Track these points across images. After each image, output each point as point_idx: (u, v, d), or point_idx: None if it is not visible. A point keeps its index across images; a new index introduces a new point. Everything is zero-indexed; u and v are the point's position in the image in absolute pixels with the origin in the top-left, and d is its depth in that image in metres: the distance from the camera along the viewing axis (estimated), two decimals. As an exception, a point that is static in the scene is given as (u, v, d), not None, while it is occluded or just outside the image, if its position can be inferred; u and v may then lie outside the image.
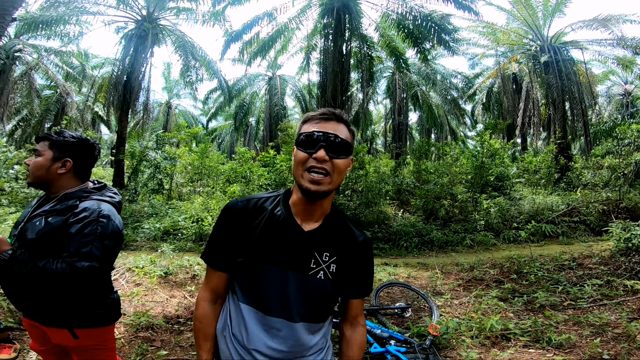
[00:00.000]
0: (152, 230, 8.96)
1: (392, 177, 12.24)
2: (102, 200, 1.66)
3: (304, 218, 1.18)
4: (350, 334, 1.29)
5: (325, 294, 1.17)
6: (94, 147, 1.77)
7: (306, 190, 1.09)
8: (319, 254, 1.16)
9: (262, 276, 1.13)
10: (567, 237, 8.53)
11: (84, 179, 1.75)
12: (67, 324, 1.62)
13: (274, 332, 1.12)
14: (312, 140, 1.10)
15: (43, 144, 1.68)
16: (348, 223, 1.27)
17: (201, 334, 1.21)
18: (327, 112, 1.14)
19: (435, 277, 5.73)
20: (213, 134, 30.49)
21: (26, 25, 11.66)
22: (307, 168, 1.09)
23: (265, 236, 1.15)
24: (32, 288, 1.56)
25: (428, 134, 26.50)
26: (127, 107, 13.18)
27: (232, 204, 1.23)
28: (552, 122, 15.14)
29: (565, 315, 3.95)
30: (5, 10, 4.98)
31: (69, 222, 1.53)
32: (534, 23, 14.92)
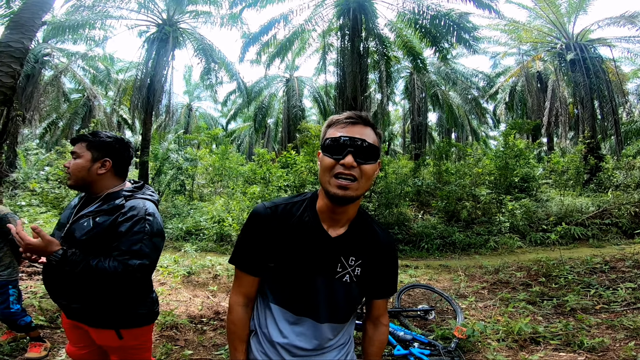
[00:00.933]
0: (175, 230, 9.17)
1: (412, 178, 12.08)
2: (146, 199, 1.68)
3: (330, 224, 1.18)
4: (373, 332, 1.32)
5: (350, 296, 1.19)
6: (129, 145, 1.80)
7: (334, 196, 1.07)
8: (345, 258, 1.18)
9: (292, 280, 1.16)
10: (598, 239, 8.18)
11: (123, 177, 1.78)
12: (113, 324, 1.64)
13: (301, 330, 1.17)
14: (338, 145, 1.07)
15: (80, 145, 1.69)
16: (373, 225, 1.27)
17: (236, 337, 1.24)
18: (354, 116, 1.11)
19: (459, 280, 5.60)
20: (232, 135, 30.91)
21: (54, 29, 12.10)
22: (335, 174, 1.06)
23: (294, 242, 1.16)
24: (81, 289, 1.57)
25: (448, 134, 26.04)
26: (151, 109, 13.52)
27: (259, 210, 1.22)
28: (580, 121, 14.57)
29: (598, 318, 3.81)
30: (35, 14, 5.14)
31: (117, 221, 1.56)
32: (558, 20, 14.45)
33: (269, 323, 1.19)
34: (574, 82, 14.15)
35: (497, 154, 11.29)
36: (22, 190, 10.53)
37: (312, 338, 1.17)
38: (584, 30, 14.73)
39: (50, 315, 3.57)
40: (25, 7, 5.32)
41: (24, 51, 5.12)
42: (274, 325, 1.18)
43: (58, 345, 3.17)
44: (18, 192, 10.22)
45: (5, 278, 2.86)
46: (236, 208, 9.91)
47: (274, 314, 1.18)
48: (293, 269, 1.15)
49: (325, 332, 1.18)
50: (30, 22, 5.20)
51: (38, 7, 5.34)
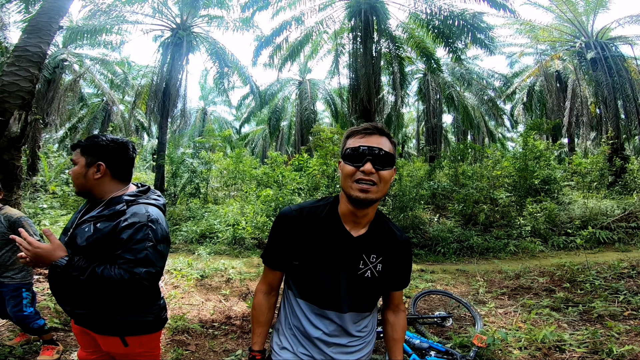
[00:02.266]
0: (189, 233, 9.22)
1: (427, 181, 11.86)
2: (149, 204, 1.63)
3: (352, 225, 1.30)
4: (394, 319, 1.48)
5: (372, 289, 1.33)
6: (127, 146, 1.71)
7: (356, 199, 1.19)
8: (367, 256, 1.30)
9: (317, 277, 1.28)
10: (624, 243, 7.83)
11: (125, 180, 1.71)
12: (118, 331, 1.60)
13: (327, 321, 1.30)
14: (358, 154, 1.19)
15: (76, 152, 1.66)
16: (390, 226, 1.39)
17: (256, 320, 1.41)
18: (370, 127, 1.24)
19: (477, 285, 5.42)
20: (246, 138, 31.15)
21: (72, 34, 12.39)
22: (356, 180, 1.18)
23: (318, 242, 1.28)
24: (86, 295, 1.54)
25: (464, 136, 25.59)
26: (167, 113, 13.72)
27: (286, 212, 1.35)
28: (603, 121, 14.10)
29: (627, 325, 3.61)
30: (52, 18, 5.22)
31: (119, 227, 1.50)
32: (577, 19, 14.07)
33: (301, 318, 1.32)
34: (596, 81, 13.73)
35: (517, 155, 10.97)
36: (44, 193, 10.79)
37: (337, 325, 1.29)
38: (604, 29, 14.36)
39: (65, 318, 3.58)
40: (42, 12, 5.40)
41: (42, 55, 5.19)
42: (306, 320, 1.31)
43: (71, 348, 3.16)
44: (39, 195, 10.47)
45: (18, 281, 2.87)
46: (250, 212, 9.91)
47: (302, 308, 1.32)
48: (318, 267, 1.27)
49: (348, 320, 1.30)
50: (48, 27, 5.27)
51: (55, 11, 5.41)
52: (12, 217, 2.84)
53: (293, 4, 12.14)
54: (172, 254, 7.35)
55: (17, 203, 4.78)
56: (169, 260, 6.08)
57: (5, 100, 4.66)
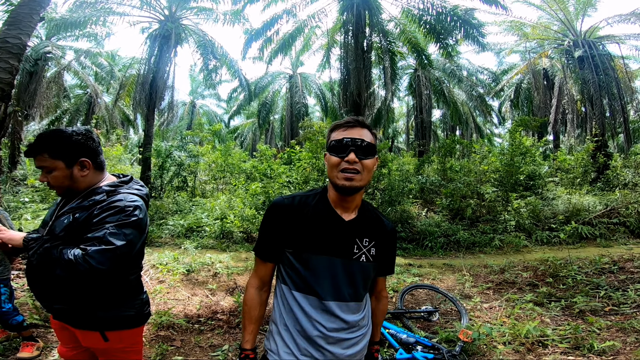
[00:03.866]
0: (176, 227, 9.09)
1: (416, 175, 11.94)
2: (130, 193, 1.58)
3: (342, 210, 1.35)
4: (376, 305, 1.53)
5: (368, 274, 1.35)
6: (92, 134, 1.64)
7: (342, 187, 1.26)
8: (360, 240, 1.33)
9: (313, 264, 1.28)
10: (606, 239, 8.02)
11: (103, 169, 1.68)
12: (98, 326, 1.56)
13: (328, 314, 1.27)
14: (342, 145, 1.26)
15: (43, 157, 1.51)
16: (377, 213, 1.46)
17: (247, 317, 1.38)
18: (352, 120, 1.31)
19: (463, 280, 5.49)
20: (236, 132, 30.86)
21: (56, 26, 12.04)
22: (341, 170, 1.25)
23: (311, 228, 1.31)
24: (61, 289, 1.50)
25: (452, 131, 25.82)
26: (153, 106, 13.45)
27: (278, 201, 1.38)
28: (589, 118, 14.36)
29: (608, 321, 3.70)
30: (33, 10, 5.09)
31: (93, 213, 1.46)
32: (566, 17, 14.24)
33: (298, 315, 1.28)
34: (582, 79, 13.94)
35: (503, 151, 11.12)
36: (25, 187, 10.52)
37: (341, 318, 1.28)
38: (593, 27, 14.54)
39: (45, 314, 3.50)
40: (23, 3, 5.26)
41: (21, 47, 5.07)
42: (304, 316, 1.27)
43: (51, 344, 3.10)
44: (21, 188, 10.20)
45: None
46: (239, 205, 9.83)
47: (300, 303, 1.28)
48: (312, 253, 1.28)
49: (351, 310, 1.31)
50: (28, 18, 5.15)
51: (36, 2, 5.28)
52: None
53: (284, -4, 12.01)
54: (158, 248, 7.25)
55: (-4, 196, 4.63)
56: (155, 255, 5.99)
57: (-18, 91, 4.50)
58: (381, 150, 11.71)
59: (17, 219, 7.33)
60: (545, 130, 18.49)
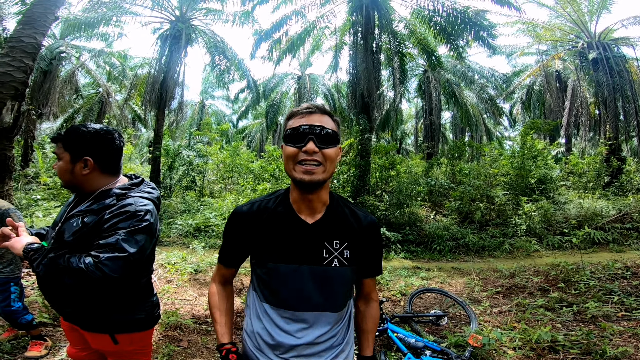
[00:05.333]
0: (184, 226, 9.15)
1: (424, 177, 11.84)
2: (141, 197, 1.53)
3: (306, 212, 1.21)
4: (365, 309, 1.38)
5: (344, 280, 1.21)
6: (112, 136, 1.58)
7: (300, 182, 1.12)
8: (329, 242, 1.20)
9: (279, 274, 1.17)
10: (619, 244, 7.86)
11: (115, 173, 1.61)
12: (108, 328, 1.55)
13: (299, 325, 1.17)
14: (299, 134, 1.13)
15: (58, 146, 1.55)
16: (352, 207, 1.30)
17: (217, 309, 1.30)
18: (311, 106, 1.18)
19: (472, 284, 5.41)
20: (243, 132, 31.02)
21: (70, 26, 12.24)
22: (299, 161, 1.12)
23: (272, 235, 1.19)
24: (71, 294, 1.49)
25: (462, 134, 25.57)
26: (163, 106, 13.59)
27: (237, 209, 1.28)
28: (602, 122, 14.09)
29: (620, 326, 3.61)
30: (48, 9, 5.14)
31: (103, 218, 1.42)
32: (580, 19, 14.02)
33: (266, 323, 1.19)
34: (596, 81, 13.71)
35: (514, 154, 10.97)
36: (37, 184, 10.69)
37: (312, 330, 1.17)
38: (607, 29, 14.31)
39: (54, 313, 3.54)
40: (38, 2, 5.31)
41: (36, 46, 5.12)
42: (272, 326, 1.18)
43: (59, 343, 3.12)
44: (32, 186, 10.37)
45: (6, 275, 2.81)
46: (246, 205, 9.84)
47: (269, 314, 1.19)
48: (277, 262, 1.17)
49: (324, 322, 1.18)
50: (43, 17, 5.19)
51: (51, 2, 5.33)
52: (0, 208, 2.78)
53: (294, -3, 12.02)
54: (166, 248, 7.30)
55: (9, 194, 4.71)
56: (163, 254, 6.03)
57: (-3, 90, 4.57)
58: (389, 152, 11.64)
59: (28, 216, 7.45)
60: (558, 134, 18.21)
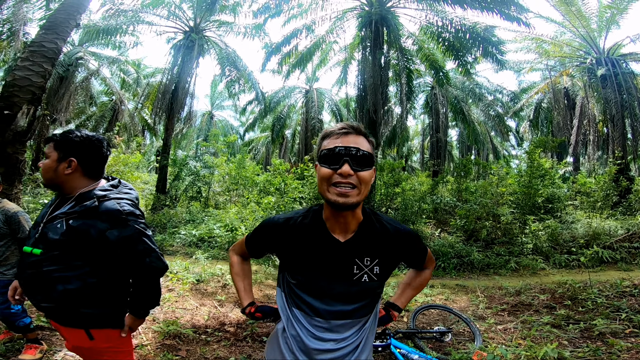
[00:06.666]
0: (188, 236, 9.16)
1: (430, 195, 11.79)
2: (120, 199, 1.61)
3: (338, 230, 1.22)
4: (416, 274, 1.57)
5: (373, 292, 1.26)
6: (101, 144, 1.70)
7: (334, 204, 1.12)
8: (360, 259, 1.22)
9: (309, 288, 1.22)
10: (627, 263, 7.71)
11: (95, 177, 1.69)
12: (83, 323, 1.57)
13: (328, 334, 1.21)
14: (334, 155, 1.12)
15: (49, 146, 1.66)
16: (384, 222, 1.30)
17: (238, 274, 1.48)
18: (346, 126, 1.17)
19: (477, 301, 5.32)
20: (250, 145, 31.25)
21: (88, 33, 12.61)
22: (333, 183, 1.11)
23: (304, 251, 1.23)
24: (51, 287, 1.53)
25: (468, 151, 25.51)
26: (174, 115, 13.82)
27: (271, 220, 1.33)
28: (610, 140, 13.95)
29: (629, 343, 3.51)
30: (70, 15, 5.26)
31: (98, 228, 1.50)
32: (589, 35, 14.01)
33: (299, 330, 1.23)
34: (604, 98, 13.61)
35: (521, 172, 10.91)
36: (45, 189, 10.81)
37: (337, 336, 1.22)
38: (616, 45, 14.20)
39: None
40: (61, 8, 5.45)
41: (56, 52, 5.21)
42: (301, 328, 1.23)
43: (55, 347, 3.09)
44: (40, 190, 10.48)
45: (9, 278, 2.80)
46: (250, 218, 9.86)
47: (301, 321, 1.24)
48: (309, 277, 1.22)
49: (347, 329, 1.23)
50: (65, 23, 5.29)
51: (74, 8, 5.44)
52: (9, 211, 2.81)
53: (305, 12, 12.29)
54: (169, 257, 7.30)
55: (17, 197, 4.77)
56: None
57: (15, 94, 4.67)
58: (395, 169, 11.63)
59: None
60: (565, 152, 18.08)
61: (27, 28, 11.83)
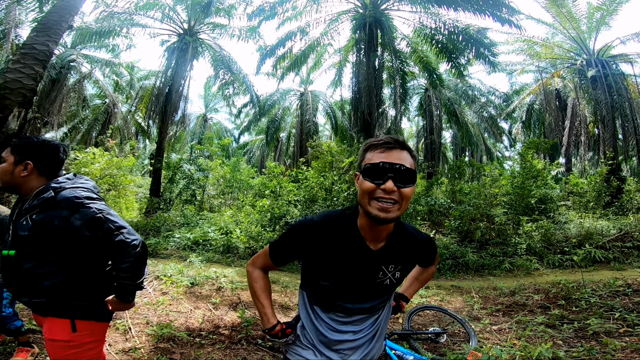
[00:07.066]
0: (182, 239, 9.10)
1: (425, 197, 11.83)
2: (76, 187, 1.68)
3: (371, 239, 1.27)
4: (422, 270, 1.68)
5: (390, 292, 1.39)
6: (57, 148, 1.77)
7: (375, 218, 1.13)
8: (386, 267, 1.31)
9: (336, 290, 1.30)
10: (619, 262, 7.78)
11: (51, 177, 1.75)
12: (71, 314, 1.61)
13: (348, 327, 1.34)
14: (378, 170, 1.12)
15: (7, 150, 1.71)
16: (410, 231, 1.39)
17: (260, 292, 1.43)
18: (391, 140, 1.17)
19: (472, 301, 5.34)
20: (245, 147, 31.16)
21: (81, 35, 12.54)
22: (375, 197, 1.13)
23: (337, 256, 1.27)
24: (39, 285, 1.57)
25: (462, 153, 25.67)
26: (167, 117, 13.74)
27: (307, 221, 1.34)
28: (601, 141, 14.12)
29: (623, 342, 3.54)
30: (63, 18, 5.23)
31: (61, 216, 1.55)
32: (579, 36, 14.17)
33: (319, 326, 1.34)
34: (595, 99, 13.76)
35: (514, 174, 11.00)
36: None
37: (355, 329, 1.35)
38: (606, 46, 14.37)
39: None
40: (53, 10, 5.40)
41: (48, 54, 5.16)
42: (324, 326, 1.34)
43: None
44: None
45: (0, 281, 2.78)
46: (244, 221, 9.82)
47: (321, 317, 1.34)
48: (335, 278, 1.28)
49: (365, 323, 1.36)
50: (57, 26, 5.25)
51: (66, 10, 5.41)
52: (0, 214, 2.79)
53: (300, 14, 12.31)
54: (164, 260, 7.24)
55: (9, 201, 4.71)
56: (160, 266, 5.98)
57: (6, 97, 4.63)
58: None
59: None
60: (557, 153, 18.26)
61: (19, 30, 11.74)
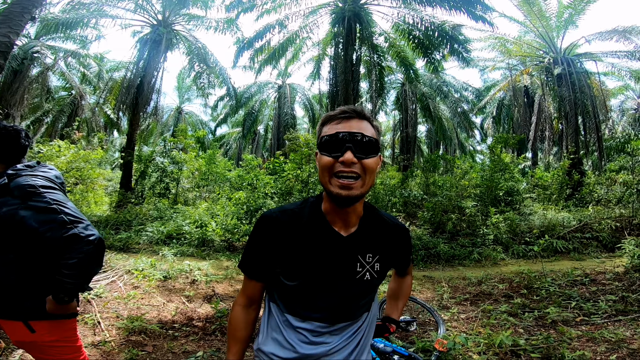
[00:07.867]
0: (155, 233, 8.91)
1: (400, 189, 12.10)
2: (35, 175, 1.61)
3: (340, 224, 1.13)
4: (400, 281, 1.58)
5: (372, 290, 1.19)
6: (18, 133, 1.71)
7: (337, 197, 1.02)
8: (362, 256, 1.13)
9: (312, 289, 1.10)
10: (579, 253, 8.27)
11: (9, 164, 1.70)
12: (22, 315, 1.54)
13: (325, 337, 1.12)
14: (336, 141, 1.02)
15: None
16: (382, 216, 1.23)
17: (232, 337, 1.20)
18: (348, 110, 1.06)
19: (442, 291, 5.55)
20: (221, 140, 30.63)
21: (46, 26, 11.93)
22: (335, 173, 1.01)
23: (305, 247, 1.10)
24: None
25: (437, 147, 26.30)
26: (139, 110, 13.31)
27: (268, 214, 1.16)
28: (565, 136, 14.85)
29: (579, 331, 3.78)
30: (25, 9, 5.05)
31: (11, 205, 1.50)
32: (548, 35, 14.73)
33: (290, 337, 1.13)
34: (560, 96, 14.41)
35: (484, 167, 11.42)
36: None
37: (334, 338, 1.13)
38: (572, 45, 14.99)
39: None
40: (16, 2, 5.23)
41: (9, 45, 5.01)
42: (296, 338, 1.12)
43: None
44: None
45: None
46: (220, 213, 9.72)
47: (293, 326, 1.13)
48: (309, 275, 1.09)
49: (352, 328, 1.16)
50: (19, 17, 5.11)
51: (29, 1, 5.24)
52: None
53: (279, 7, 12.16)
54: (135, 254, 7.09)
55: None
56: (131, 261, 5.86)
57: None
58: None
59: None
60: (525, 147, 19.04)
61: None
